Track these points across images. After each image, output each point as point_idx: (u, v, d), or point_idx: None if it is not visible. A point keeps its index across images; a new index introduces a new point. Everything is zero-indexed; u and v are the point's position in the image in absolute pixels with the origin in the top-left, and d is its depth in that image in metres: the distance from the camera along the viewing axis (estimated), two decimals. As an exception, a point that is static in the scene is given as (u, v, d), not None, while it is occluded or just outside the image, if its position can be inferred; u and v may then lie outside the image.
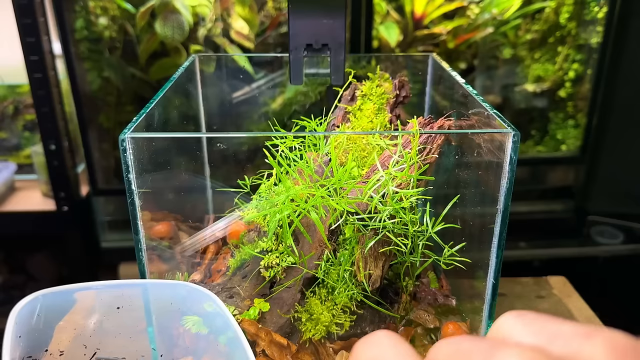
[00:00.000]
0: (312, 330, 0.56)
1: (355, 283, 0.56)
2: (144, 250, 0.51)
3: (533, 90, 1.33)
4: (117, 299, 0.50)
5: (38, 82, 1.05)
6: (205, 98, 0.82)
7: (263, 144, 0.55)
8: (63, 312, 0.50)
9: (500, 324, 0.22)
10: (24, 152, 1.30)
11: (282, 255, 0.57)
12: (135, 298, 0.51)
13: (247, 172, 0.63)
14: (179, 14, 1.07)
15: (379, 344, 0.23)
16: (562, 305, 0.78)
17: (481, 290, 0.55)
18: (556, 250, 1.33)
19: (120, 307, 0.50)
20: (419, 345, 0.58)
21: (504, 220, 0.50)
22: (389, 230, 0.51)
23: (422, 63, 0.80)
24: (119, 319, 0.50)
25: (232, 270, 0.62)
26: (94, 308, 0.50)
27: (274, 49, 1.19)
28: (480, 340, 0.20)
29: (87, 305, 0.51)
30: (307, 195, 0.52)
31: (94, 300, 0.51)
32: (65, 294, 0.48)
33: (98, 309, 0.50)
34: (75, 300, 0.50)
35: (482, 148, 0.53)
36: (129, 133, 0.48)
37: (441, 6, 1.21)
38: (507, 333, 0.21)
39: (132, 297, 0.51)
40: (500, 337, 0.21)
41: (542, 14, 1.29)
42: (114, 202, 1.28)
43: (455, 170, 0.61)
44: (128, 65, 1.16)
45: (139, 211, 0.50)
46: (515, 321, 0.21)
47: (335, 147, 0.56)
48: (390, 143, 0.56)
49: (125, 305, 0.50)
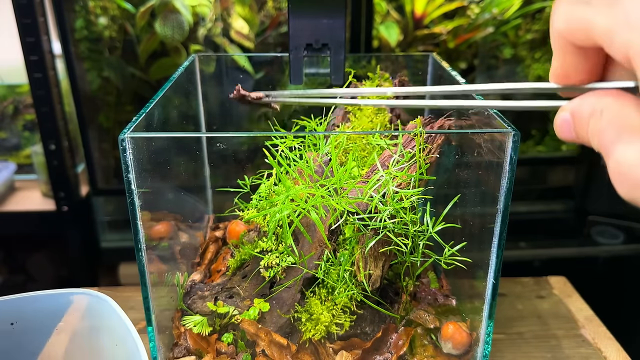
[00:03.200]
0: (312, 330, 0.56)
1: (355, 283, 0.56)
2: (144, 250, 0.51)
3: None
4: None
5: (38, 82, 1.05)
6: (205, 98, 0.82)
7: (263, 143, 0.54)
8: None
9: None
10: (23, 152, 1.30)
11: (282, 255, 0.57)
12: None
13: (247, 172, 0.63)
14: (178, 14, 1.07)
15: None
16: (562, 305, 0.78)
17: (481, 290, 0.54)
18: (556, 250, 1.33)
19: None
20: (419, 345, 0.58)
21: (504, 220, 0.50)
22: (389, 230, 0.51)
23: (422, 63, 0.80)
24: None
25: (232, 270, 0.62)
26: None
27: (274, 49, 1.19)
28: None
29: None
30: (307, 195, 0.52)
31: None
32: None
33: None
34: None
35: (482, 148, 0.53)
36: (128, 133, 0.48)
37: (441, 6, 1.21)
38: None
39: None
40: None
41: (543, 14, 1.29)
42: (114, 202, 1.28)
43: (455, 170, 0.61)
44: (128, 65, 1.16)
45: (139, 211, 0.50)
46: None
47: (335, 147, 0.56)
48: (391, 143, 0.56)
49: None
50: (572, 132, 0.27)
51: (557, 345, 0.69)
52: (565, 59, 0.27)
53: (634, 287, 1.26)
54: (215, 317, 0.59)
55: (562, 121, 0.27)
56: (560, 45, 0.27)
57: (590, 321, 0.74)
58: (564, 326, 0.73)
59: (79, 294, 0.50)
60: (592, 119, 0.25)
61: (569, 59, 0.27)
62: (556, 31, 0.26)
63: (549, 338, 0.71)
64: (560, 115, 0.27)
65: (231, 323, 0.58)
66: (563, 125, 0.27)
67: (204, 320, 0.58)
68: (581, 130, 0.26)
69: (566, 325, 0.73)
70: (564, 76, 0.28)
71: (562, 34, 0.26)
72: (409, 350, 0.58)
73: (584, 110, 0.26)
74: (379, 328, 0.59)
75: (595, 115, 0.25)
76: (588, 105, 0.25)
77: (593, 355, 0.68)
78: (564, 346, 0.69)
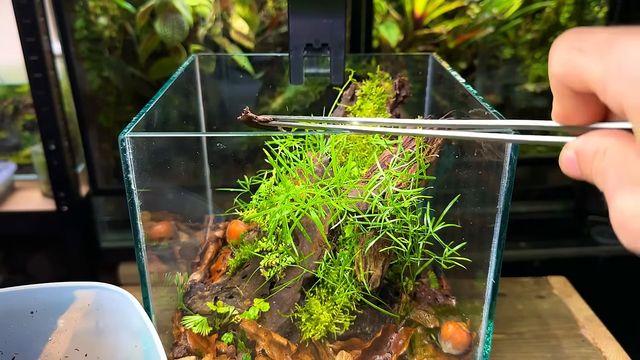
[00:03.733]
0: (312, 330, 0.56)
1: (355, 283, 0.56)
2: (144, 250, 0.51)
3: (533, 90, 1.33)
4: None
5: (38, 82, 1.05)
6: (205, 98, 0.82)
7: (263, 143, 0.54)
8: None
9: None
10: (23, 152, 1.30)
11: (282, 255, 0.57)
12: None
13: (247, 172, 0.63)
14: (178, 14, 1.07)
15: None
16: (562, 305, 0.78)
17: (481, 290, 0.54)
18: (556, 250, 1.33)
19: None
20: (419, 345, 0.58)
21: (504, 220, 0.50)
22: (389, 230, 0.51)
23: (422, 63, 0.80)
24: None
25: (232, 270, 0.62)
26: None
27: (274, 49, 1.19)
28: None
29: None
30: (307, 195, 0.52)
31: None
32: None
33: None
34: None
35: (482, 148, 0.53)
36: (128, 133, 0.48)
37: (441, 6, 1.21)
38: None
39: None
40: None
41: (543, 14, 1.29)
42: (114, 202, 1.28)
43: (455, 170, 0.61)
44: (128, 65, 1.16)
45: (139, 211, 0.50)
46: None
47: (335, 147, 0.56)
48: (391, 143, 0.56)
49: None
50: (577, 170, 0.27)
51: (557, 345, 0.69)
52: (564, 102, 0.27)
53: (634, 287, 1.26)
54: (215, 317, 0.59)
55: (567, 159, 0.27)
56: (558, 90, 0.27)
57: (590, 321, 0.74)
58: (564, 326, 0.73)
59: (103, 289, 0.51)
60: (595, 158, 0.25)
61: (568, 102, 0.27)
62: (553, 75, 0.26)
63: (549, 338, 0.71)
64: (565, 153, 0.28)
65: (231, 323, 0.58)
66: (568, 163, 0.27)
67: (204, 320, 0.58)
68: (585, 169, 0.26)
69: (566, 325, 0.73)
70: (564, 118, 0.28)
71: (559, 78, 0.26)
72: (409, 350, 0.58)
73: (588, 149, 0.26)
74: (379, 328, 0.59)
75: (598, 155, 0.25)
76: (592, 144, 0.26)
77: (593, 355, 0.68)
78: (564, 346, 0.69)
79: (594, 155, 0.25)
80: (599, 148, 0.25)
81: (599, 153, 0.25)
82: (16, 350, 0.50)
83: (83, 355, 0.51)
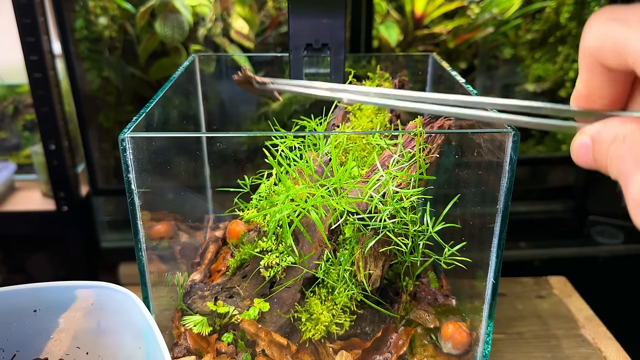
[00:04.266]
0: (312, 330, 0.56)
1: (355, 283, 0.56)
2: (144, 250, 0.51)
3: (533, 90, 1.33)
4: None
5: (38, 82, 1.05)
6: (205, 98, 0.82)
7: (263, 143, 0.54)
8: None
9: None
10: (23, 152, 1.30)
11: (282, 255, 0.57)
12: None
13: (247, 172, 0.63)
14: (178, 14, 1.07)
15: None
16: (562, 305, 0.78)
17: (481, 290, 0.54)
18: (556, 250, 1.33)
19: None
20: (419, 345, 0.58)
21: (504, 220, 0.50)
22: (389, 230, 0.51)
23: (422, 63, 0.80)
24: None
25: (232, 270, 0.62)
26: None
27: (274, 49, 1.19)
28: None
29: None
30: (307, 195, 0.52)
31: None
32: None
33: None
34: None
35: (482, 148, 0.53)
36: (128, 133, 0.48)
37: (441, 6, 1.21)
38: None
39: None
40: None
41: (543, 14, 1.29)
42: (114, 202, 1.28)
43: (455, 170, 0.61)
44: (128, 65, 1.16)
45: (139, 211, 0.50)
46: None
47: (335, 147, 0.56)
48: (391, 143, 0.56)
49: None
50: (590, 157, 0.26)
51: (557, 345, 0.70)
52: (591, 79, 0.26)
53: (634, 287, 1.26)
54: (215, 317, 0.59)
55: (581, 145, 0.26)
56: (588, 65, 0.26)
57: (590, 321, 0.74)
58: (564, 326, 0.73)
59: (105, 289, 0.51)
60: (613, 144, 0.24)
61: (595, 80, 0.26)
62: (587, 49, 0.25)
63: (549, 338, 0.71)
64: (578, 138, 0.26)
65: (231, 323, 0.58)
66: (581, 149, 0.26)
67: (204, 320, 0.58)
68: (600, 156, 0.25)
69: (566, 325, 0.73)
70: (586, 98, 0.27)
71: (592, 52, 0.25)
72: (409, 350, 0.58)
73: (606, 135, 0.25)
74: (379, 328, 0.59)
75: (617, 141, 0.24)
76: (610, 129, 0.25)
77: (593, 355, 0.68)
78: (564, 346, 0.69)
79: (612, 141, 0.24)
80: (619, 134, 0.24)
81: (617, 139, 0.24)
82: (18, 347, 0.51)
83: (84, 354, 0.51)
